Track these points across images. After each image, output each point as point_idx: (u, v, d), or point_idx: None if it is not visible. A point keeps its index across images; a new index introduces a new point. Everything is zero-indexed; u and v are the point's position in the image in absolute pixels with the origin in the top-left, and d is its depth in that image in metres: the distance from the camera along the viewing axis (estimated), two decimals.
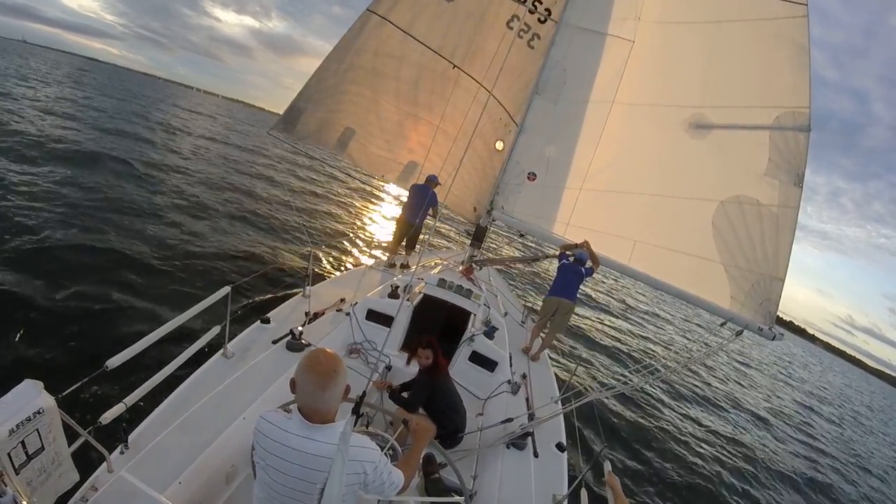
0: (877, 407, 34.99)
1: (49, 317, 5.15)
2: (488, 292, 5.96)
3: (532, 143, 5.44)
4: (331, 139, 5.90)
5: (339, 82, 5.54)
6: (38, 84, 29.91)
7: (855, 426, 19.64)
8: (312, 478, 1.52)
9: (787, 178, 3.48)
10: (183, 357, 3.12)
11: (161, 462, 2.41)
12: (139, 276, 6.68)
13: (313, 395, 1.53)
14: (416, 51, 5.67)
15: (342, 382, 1.57)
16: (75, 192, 9.56)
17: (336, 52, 5.37)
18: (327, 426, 1.55)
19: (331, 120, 5.77)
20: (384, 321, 4.55)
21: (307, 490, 1.54)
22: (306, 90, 5.42)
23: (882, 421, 27.02)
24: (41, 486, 1.83)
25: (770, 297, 3.37)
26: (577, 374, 8.66)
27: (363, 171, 6.62)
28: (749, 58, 3.89)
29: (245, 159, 22.70)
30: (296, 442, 1.53)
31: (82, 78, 51.45)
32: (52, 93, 26.86)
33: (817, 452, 11.98)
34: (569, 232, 5.16)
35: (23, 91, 23.73)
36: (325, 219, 14.60)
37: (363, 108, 5.90)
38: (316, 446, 1.52)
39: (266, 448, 1.56)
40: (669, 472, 7.09)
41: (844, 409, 24.52)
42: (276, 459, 1.53)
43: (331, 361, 1.55)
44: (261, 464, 1.58)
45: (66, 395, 2.00)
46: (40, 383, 1.84)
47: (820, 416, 17.53)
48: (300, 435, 1.53)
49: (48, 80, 35.76)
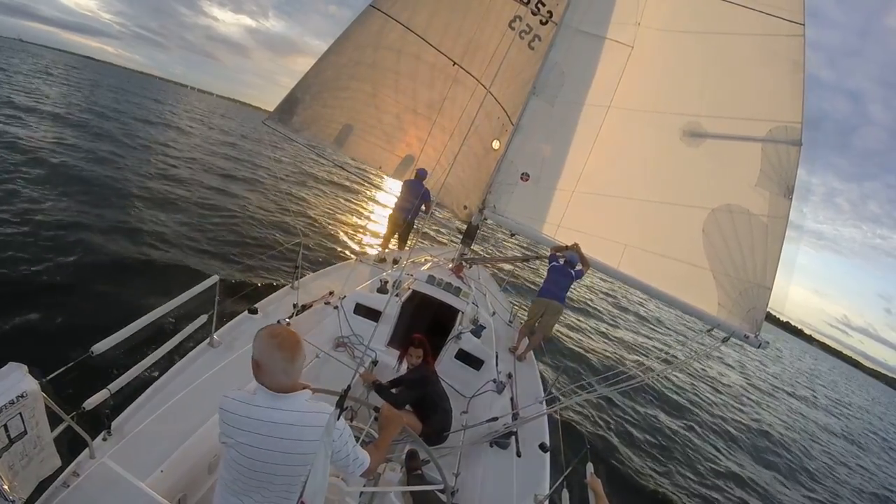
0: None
1: (35, 300, 5.09)
2: (477, 291, 5.97)
3: (527, 143, 5.44)
4: (328, 135, 5.85)
5: (338, 76, 5.50)
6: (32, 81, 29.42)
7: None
8: (281, 447, 1.56)
9: (777, 189, 3.54)
10: (169, 345, 3.09)
11: (144, 449, 2.39)
12: (127, 264, 6.63)
13: (285, 370, 1.56)
14: (416, 45, 5.65)
15: (304, 351, 1.62)
16: (61, 180, 9.47)
17: (337, 46, 5.33)
18: (291, 395, 1.59)
19: (328, 115, 5.71)
20: (372, 315, 4.53)
21: (275, 460, 1.57)
22: (305, 81, 5.37)
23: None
24: (23, 469, 1.81)
25: (757, 305, 3.42)
26: (562, 376, 8.72)
27: (360, 162, 6.56)
28: (746, 71, 3.94)
29: (236, 151, 22.53)
30: (262, 413, 1.55)
31: (71, 74, 50.61)
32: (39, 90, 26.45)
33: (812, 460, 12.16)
34: (560, 234, 5.18)
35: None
36: (316, 211, 14.54)
37: (362, 103, 5.86)
38: (281, 415, 1.56)
39: (233, 424, 1.57)
40: (653, 476, 7.17)
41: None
42: (245, 434, 1.55)
43: (292, 335, 1.59)
44: (229, 442, 1.58)
45: (51, 380, 1.97)
46: (25, 367, 1.82)
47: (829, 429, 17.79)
48: (266, 406, 1.56)
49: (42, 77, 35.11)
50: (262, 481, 1.60)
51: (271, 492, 1.63)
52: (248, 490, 1.63)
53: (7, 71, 32.30)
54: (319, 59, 5.36)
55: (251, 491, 1.63)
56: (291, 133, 5.53)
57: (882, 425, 28.34)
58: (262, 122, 5.40)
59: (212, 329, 3.47)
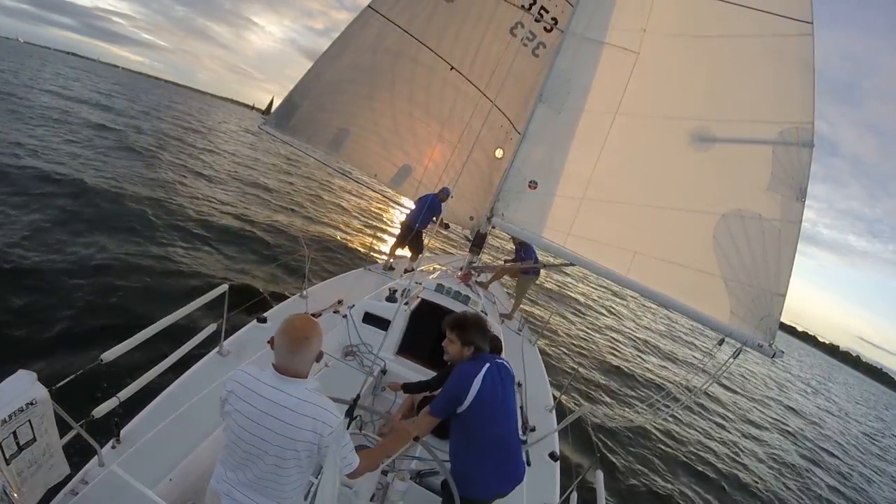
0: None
1: (45, 308, 5.14)
2: (486, 299, 5.94)
3: (534, 151, 5.43)
4: (324, 139, 5.86)
5: (336, 80, 5.52)
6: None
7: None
8: (276, 427, 1.64)
9: (789, 192, 3.49)
10: (178, 353, 3.11)
11: (153, 458, 2.39)
12: (136, 272, 6.67)
13: (285, 356, 1.69)
14: (413, 47, 5.66)
15: (314, 348, 1.73)
16: (71, 183, 9.54)
17: (334, 48, 5.35)
18: (297, 380, 1.70)
19: (325, 119, 5.73)
20: (381, 324, 4.52)
21: (268, 438, 1.65)
22: (302, 84, 5.39)
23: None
24: (31, 477, 1.81)
25: (771, 312, 3.36)
26: (571, 384, 8.65)
27: (356, 169, 6.56)
28: (754, 73, 3.91)
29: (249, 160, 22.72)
30: (266, 391, 1.67)
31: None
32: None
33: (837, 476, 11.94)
34: (568, 241, 5.14)
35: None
36: (325, 220, 14.61)
37: (358, 106, 5.87)
38: (283, 397, 1.66)
39: (238, 394, 1.69)
40: (664, 484, 7.06)
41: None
42: (246, 405, 1.67)
43: (305, 328, 1.71)
44: (229, 409, 1.70)
45: (60, 387, 1.98)
46: (34, 374, 1.83)
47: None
48: (271, 385, 1.68)
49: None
50: (253, 454, 1.68)
51: (261, 469, 1.69)
52: (240, 464, 1.72)
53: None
54: (316, 62, 5.39)
55: (243, 465, 1.71)
56: (288, 138, 5.55)
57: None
58: (258, 126, 5.40)
59: (221, 337, 3.48)
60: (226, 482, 1.75)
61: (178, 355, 3.09)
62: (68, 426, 2.03)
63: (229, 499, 1.73)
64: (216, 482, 1.78)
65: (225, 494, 1.74)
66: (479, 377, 2.37)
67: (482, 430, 2.40)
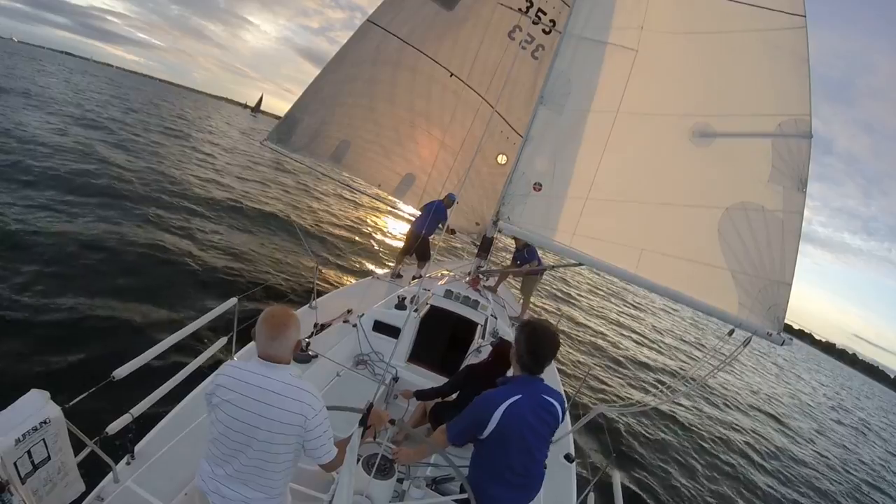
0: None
1: (56, 327, 5.20)
2: (495, 303, 5.94)
3: (537, 153, 5.43)
4: (326, 152, 5.89)
5: (336, 93, 5.55)
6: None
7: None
8: (263, 411, 1.71)
9: (790, 183, 3.50)
10: (190, 368, 3.13)
11: (167, 473, 2.42)
12: (147, 288, 6.74)
13: (266, 343, 1.79)
14: (412, 56, 5.70)
15: (291, 334, 1.82)
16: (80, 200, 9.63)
17: (334, 62, 5.39)
18: (280, 366, 1.79)
19: (326, 132, 5.76)
20: (391, 332, 4.54)
21: (255, 423, 1.71)
22: (303, 99, 5.43)
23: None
24: (47, 495, 1.84)
25: (778, 301, 3.35)
26: (586, 381, 8.60)
27: (360, 180, 6.59)
28: (751, 67, 3.91)
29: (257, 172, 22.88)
30: (251, 377, 1.75)
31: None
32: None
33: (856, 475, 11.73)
34: (574, 241, 5.12)
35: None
36: (332, 230, 14.67)
37: (360, 118, 5.91)
38: (268, 382, 1.74)
39: (224, 384, 1.76)
40: (682, 484, 6.97)
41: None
42: (232, 393, 1.74)
43: (282, 316, 1.81)
44: (216, 401, 1.76)
45: (73, 406, 2.02)
46: (47, 393, 1.86)
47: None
48: (256, 372, 1.77)
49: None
50: (242, 443, 1.73)
51: (249, 458, 1.74)
52: (226, 456, 1.76)
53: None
54: (317, 77, 5.43)
55: (229, 458, 1.76)
56: (290, 153, 5.59)
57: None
58: (259, 143, 5.42)
59: (232, 350, 3.51)
60: (212, 479, 1.78)
61: (190, 370, 3.12)
62: (82, 444, 2.07)
63: (217, 496, 1.76)
64: (202, 480, 1.81)
65: (212, 492, 1.77)
66: (502, 408, 2.16)
67: (503, 458, 2.25)
